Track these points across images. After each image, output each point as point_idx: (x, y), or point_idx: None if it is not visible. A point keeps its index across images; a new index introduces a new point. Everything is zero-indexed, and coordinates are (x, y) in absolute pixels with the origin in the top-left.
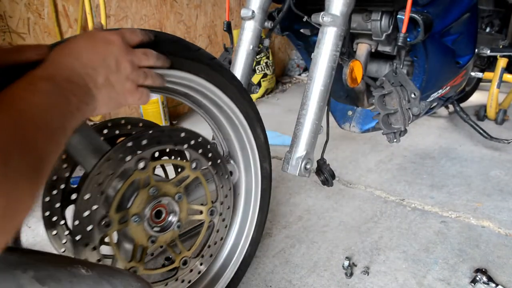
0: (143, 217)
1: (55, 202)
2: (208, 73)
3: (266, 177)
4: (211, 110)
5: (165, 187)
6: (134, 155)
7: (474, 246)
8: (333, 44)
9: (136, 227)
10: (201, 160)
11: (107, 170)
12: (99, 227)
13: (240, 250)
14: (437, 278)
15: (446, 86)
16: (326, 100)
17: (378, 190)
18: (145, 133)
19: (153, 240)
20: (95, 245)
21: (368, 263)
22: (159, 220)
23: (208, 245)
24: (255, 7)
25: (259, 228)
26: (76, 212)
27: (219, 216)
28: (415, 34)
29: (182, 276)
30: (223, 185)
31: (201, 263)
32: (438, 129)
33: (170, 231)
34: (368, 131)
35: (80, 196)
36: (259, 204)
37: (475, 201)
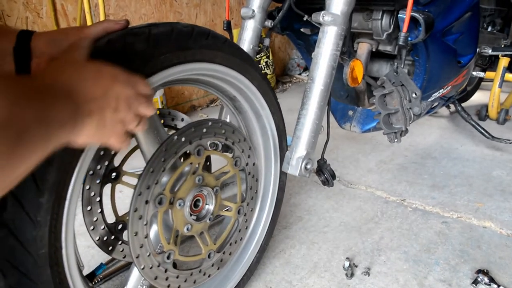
0: (185, 203)
1: (97, 178)
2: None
3: (281, 189)
4: (249, 117)
5: (208, 178)
6: (195, 140)
7: (475, 247)
8: (333, 44)
9: (178, 211)
10: (241, 159)
11: (172, 148)
12: (154, 202)
13: (249, 255)
14: (439, 279)
15: (447, 85)
16: (327, 100)
17: (379, 191)
18: (206, 122)
19: (188, 228)
20: (146, 221)
21: (369, 264)
22: (196, 209)
23: (230, 243)
24: (255, 6)
25: (268, 237)
26: (139, 184)
27: (243, 216)
28: (416, 33)
29: (205, 269)
30: (252, 187)
31: (221, 259)
32: (439, 129)
33: (203, 222)
34: (368, 131)
35: (146, 168)
36: (272, 214)
37: (477, 201)
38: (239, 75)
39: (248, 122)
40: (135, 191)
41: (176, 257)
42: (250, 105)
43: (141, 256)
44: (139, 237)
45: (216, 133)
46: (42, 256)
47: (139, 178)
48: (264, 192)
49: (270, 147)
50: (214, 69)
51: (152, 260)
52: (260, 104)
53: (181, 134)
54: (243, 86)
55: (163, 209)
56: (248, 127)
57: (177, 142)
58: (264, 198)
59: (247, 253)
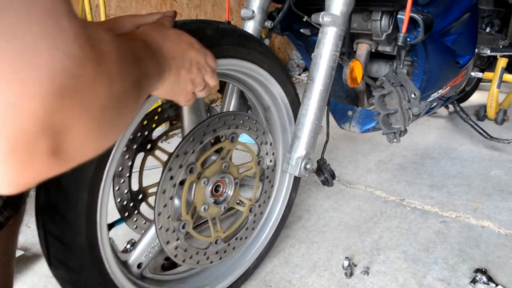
0: (209, 183)
1: (134, 144)
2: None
3: (289, 206)
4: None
5: (232, 168)
6: (232, 127)
7: (474, 246)
8: (333, 44)
9: (201, 189)
10: (264, 160)
11: (212, 126)
12: (186, 168)
13: (248, 259)
14: (437, 278)
15: (446, 86)
16: (326, 100)
17: (378, 190)
18: (245, 115)
19: (205, 208)
20: (175, 183)
21: (368, 263)
22: (216, 193)
23: (236, 237)
24: (255, 7)
25: (269, 246)
26: (179, 147)
27: (253, 216)
28: (415, 34)
29: (209, 254)
30: (266, 191)
31: (225, 251)
32: (438, 129)
33: (219, 207)
34: (368, 131)
35: (188, 136)
36: (276, 227)
37: (475, 201)
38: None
39: (273, 134)
40: (174, 153)
41: (189, 229)
42: (279, 116)
43: (162, 215)
44: (166, 196)
45: (250, 128)
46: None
47: (180, 142)
48: (273, 202)
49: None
50: (250, 68)
51: (170, 224)
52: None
53: (222, 117)
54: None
55: (191, 179)
56: (273, 138)
57: (218, 122)
58: (272, 208)
59: (246, 257)
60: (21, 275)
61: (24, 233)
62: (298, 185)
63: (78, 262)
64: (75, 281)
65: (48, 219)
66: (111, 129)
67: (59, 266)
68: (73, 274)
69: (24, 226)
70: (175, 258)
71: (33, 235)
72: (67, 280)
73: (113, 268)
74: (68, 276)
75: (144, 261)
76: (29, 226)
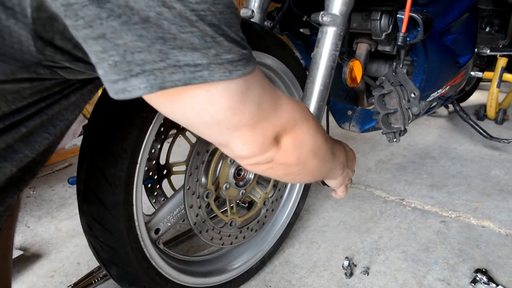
0: (234, 163)
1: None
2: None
3: (295, 214)
4: None
5: None
6: None
7: (474, 246)
8: (332, 44)
9: (226, 166)
10: None
11: None
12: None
13: (252, 260)
14: (437, 278)
15: (446, 85)
16: (326, 100)
17: (378, 190)
18: None
19: (227, 186)
20: (208, 149)
21: (368, 263)
22: (239, 177)
23: (247, 227)
24: (254, 7)
25: (273, 250)
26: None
27: (265, 211)
28: (414, 33)
29: (223, 234)
30: (280, 189)
31: (236, 237)
32: (438, 128)
33: (237, 190)
34: (367, 130)
35: None
36: (280, 235)
37: (475, 201)
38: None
39: None
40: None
41: (211, 201)
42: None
43: (192, 177)
44: (199, 159)
45: None
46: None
47: None
48: (282, 209)
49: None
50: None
51: (196, 188)
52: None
53: None
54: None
55: (220, 153)
56: None
57: None
58: (280, 214)
59: (250, 258)
60: (20, 275)
61: (24, 233)
62: (306, 196)
63: (112, 198)
64: (104, 217)
65: (92, 179)
66: (310, 162)
67: (93, 201)
68: (104, 209)
69: (24, 226)
70: (194, 226)
71: (32, 235)
72: (95, 217)
73: (140, 223)
74: (97, 212)
75: (162, 227)
76: (29, 226)
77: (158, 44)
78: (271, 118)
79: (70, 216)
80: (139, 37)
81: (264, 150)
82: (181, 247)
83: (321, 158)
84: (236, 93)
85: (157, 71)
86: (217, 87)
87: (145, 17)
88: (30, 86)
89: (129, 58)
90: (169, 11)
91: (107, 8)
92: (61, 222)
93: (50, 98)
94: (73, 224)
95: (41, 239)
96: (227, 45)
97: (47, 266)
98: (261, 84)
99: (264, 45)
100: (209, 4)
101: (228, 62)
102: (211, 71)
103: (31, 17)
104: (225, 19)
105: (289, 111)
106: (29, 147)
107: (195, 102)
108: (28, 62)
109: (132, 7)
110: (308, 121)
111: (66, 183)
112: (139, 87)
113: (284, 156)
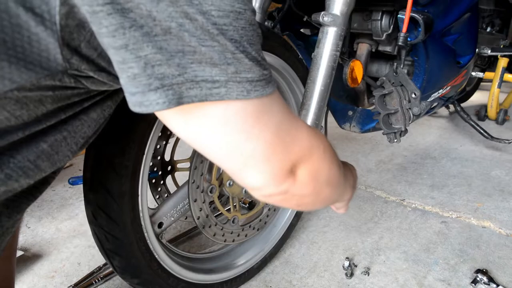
0: None
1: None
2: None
3: (297, 216)
4: None
5: None
6: None
7: (474, 247)
8: (333, 44)
9: None
10: None
11: None
12: None
13: (252, 260)
14: (438, 279)
15: (446, 86)
16: (326, 100)
17: (379, 190)
18: None
19: (230, 183)
20: None
21: (369, 264)
22: None
23: (249, 225)
24: (255, 7)
25: (274, 251)
26: None
27: (267, 210)
28: (415, 34)
29: (225, 231)
30: None
31: (238, 234)
32: (438, 129)
33: (240, 187)
34: (368, 131)
35: None
36: (282, 236)
37: (476, 201)
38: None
39: None
40: None
41: (215, 197)
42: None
43: (196, 171)
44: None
45: None
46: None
47: None
48: (284, 209)
49: None
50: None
51: (201, 182)
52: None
53: None
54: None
55: None
56: None
57: None
58: (282, 215)
59: (251, 257)
60: (21, 275)
61: (24, 234)
62: None
63: (119, 187)
64: (110, 206)
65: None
66: (325, 191)
67: (99, 190)
68: (110, 198)
69: (24, 227)
70: (197, 220)
71: (33, 235)
72: (101, 206)
73: (145, 215)
74: (103, 201)
75: (165, 221)
76: (29, 226)
77: (178, 57)
78: (288, 148)
79: (70, 216)
80: (159, 49)
81: (279, 182)
82: (183, 246)
83: (335, 186)
84: (252, 116)
85: (175, 85)
86: (233, 106)
87: (167, 28)
88: (52, 94)
89: (149, 72)
90: (191, 22)
91: (130, 18)
92: (61, 222)
93: (70, 109)
94: (73, 225)
95: (42, 239)
96: (247, 63)
97: (48, 266)
98: (280, 110)
99: (270, 45)
100: (232, 19)
101: (247, 81)
102: (228, 88)
103: (59, 24)
104: (247, 36)
105: (307, 141)
106: (51, 164)
107: (209, 120)
108: (54, 70)
109: (155, 17)
110: (325, 150)
111: (66, 183)
112: (157, 102)
113: (300, 188)
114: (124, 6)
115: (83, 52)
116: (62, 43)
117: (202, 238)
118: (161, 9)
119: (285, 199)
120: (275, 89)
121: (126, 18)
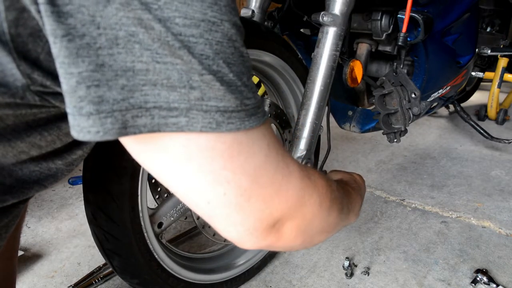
0: None
1: None
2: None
3: None
4: None
5: None
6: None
7: (474, 247)
8: (333, 44)
9: None
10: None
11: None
12: None
13: (252, 261)
14: (438, 279)
15: (446, 86)
16: (326, 100)
17: (379, 190)
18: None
19: None
20: None
21: (369, 264)
22: None
23: None
24: (255, 7)
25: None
26: None
27: None
28: (415, 33)
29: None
30: None
31: None
32: (438, 129)
33: None
34: (368, 131)
35: None
36: None
37: (476, 201)
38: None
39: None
40: None
41: None
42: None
43: None
44: None
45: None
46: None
47: None
48: None
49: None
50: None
51: None
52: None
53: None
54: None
55: None
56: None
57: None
58: None
59: (251, 257)
60: (21, 275)
61: (24, 234)
62: None
63: (118, 187)
64: (110, 206)
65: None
66: (318, 238)
67: (99, 190)
68: (110, 198)
69: (24, 227)
70: (197, 220)
71: (33, 235)
72: (101, 206)
73: (144, 215)
74: (103, 201)
75: (165, 221)
76: (29, 226)
77: (124, 77)
78: (270, 200)
79: (70, 216)
80: (99, 66)
81: (257, 237)
82: (182, 246)
83: (332, 230)
84: (223, 155)
85: (117, 112)
86: (197, 140)
87: (113, 37)
88: (12, 113)
89: (81, 93)
90: (146, 32)
91: (66, 25)
92: (61, 222)
93: (43, 129)
94: (73, 225)
95: (42, 239)
96: (219, 88)
97: (48, 266)
98: (263, 149)
99: (270, 45)
100: (202, 30)
101: (217, 111)
102: (191, 118)
103: (9, 34)
104: (224, 54)
105: (298, 190)
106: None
107: (168, 155)
108: (13, 87)
109: (99, 24)
110: (322, 198)
111: (66, 183)
112: (88, 130)
113: (285, 243)
114: (61, 9)
115: (44, 65)
116: (17, 56)
117: (202, 238)
118: (108, 13)
119: (269, 248)
120: (261, 123)
121: (60, 25)
